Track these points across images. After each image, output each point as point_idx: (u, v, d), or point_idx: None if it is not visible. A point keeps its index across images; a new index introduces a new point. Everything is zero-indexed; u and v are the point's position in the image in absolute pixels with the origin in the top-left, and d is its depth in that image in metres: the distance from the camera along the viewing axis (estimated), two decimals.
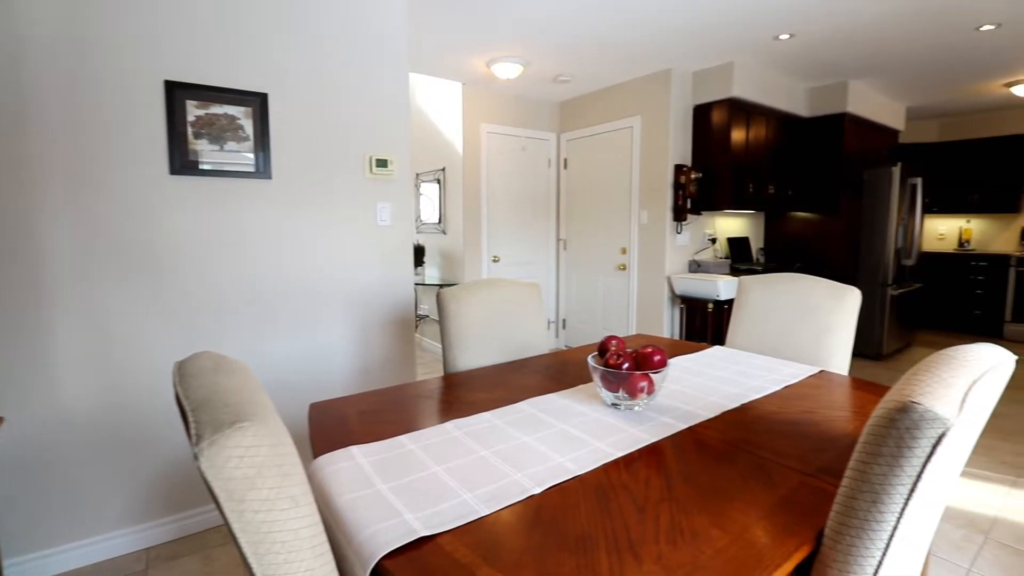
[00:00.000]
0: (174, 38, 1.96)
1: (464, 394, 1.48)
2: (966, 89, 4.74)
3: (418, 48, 3.48)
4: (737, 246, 4.51)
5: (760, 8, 2.92)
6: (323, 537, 0.70)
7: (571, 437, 1.15)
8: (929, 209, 6.04)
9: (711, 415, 1.29)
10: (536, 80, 4.21)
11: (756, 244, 4.95)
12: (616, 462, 1.04)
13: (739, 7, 2.90)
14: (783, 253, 4.86)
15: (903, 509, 0.69)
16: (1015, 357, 0.87)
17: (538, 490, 0.92)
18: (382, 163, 2.44)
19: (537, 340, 1.95)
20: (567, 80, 4.18)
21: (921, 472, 0.67)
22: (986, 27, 3.21)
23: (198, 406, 0.65)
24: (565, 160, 4.91)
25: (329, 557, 0.70)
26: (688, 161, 4.12)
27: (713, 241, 4.34)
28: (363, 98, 2.38)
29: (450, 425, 1.22)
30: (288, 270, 2.24)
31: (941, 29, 3.26)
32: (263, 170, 2.19)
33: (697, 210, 4.07)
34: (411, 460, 1.04)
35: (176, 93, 2.03)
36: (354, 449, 1.08)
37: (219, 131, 2.12)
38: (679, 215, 4.00)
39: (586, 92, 4.63)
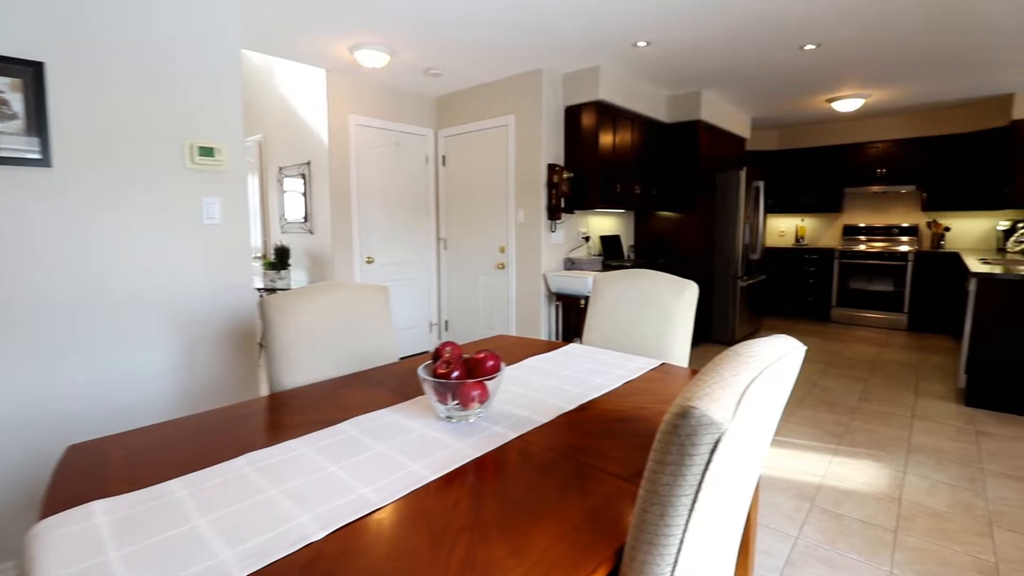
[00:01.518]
0: None
1: (281, 417, 1.29)
2: (797, 103, 5.37)
3: (268, 25, 3.14)
4: (609, 244, 4.69)
5: (619, 14, 3.01)
6: None
7: (387, 461, 1.02)
8: (772, 209, 6.81)
9: (547, 419, 1.23)
10: (407, 72, 4.03)
11: (627, 241, 5.21)
12: (428, 486, 0.92)
13: (599, 12, 2.97)
14: (651, 249, 5.17)
15: (688, 520, 0.65)
16: (803, 347, 0.90)
17: (320, 535, 0.78)
18: (207, 151, 2.12)
19: (386, 348, 1.80)
20: (439, 74, 4.05)
21: (702, 480, 0.63)
22: (808, 47, 3.62)
23: None
24: (443, 157, 4.77)
25: None
26: (561, 161, 4.19)
27: (587, 239, 4.48)
28: (182, 75, 2.05)
29: (243, 460, 1.03)
30: (85, 277, 1.85)
31: (772, 47, 3.62)
32: (40, 156, 1.78)
33: (570, 209, 4.16)
34: (171, 512, 0.84)
35: None
36: (96, 505, 0.86)
37: None
38: (553, 214, 4.05)
39: (462, 88, 4.53)
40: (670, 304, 1.83)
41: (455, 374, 1.19)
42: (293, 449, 1.07)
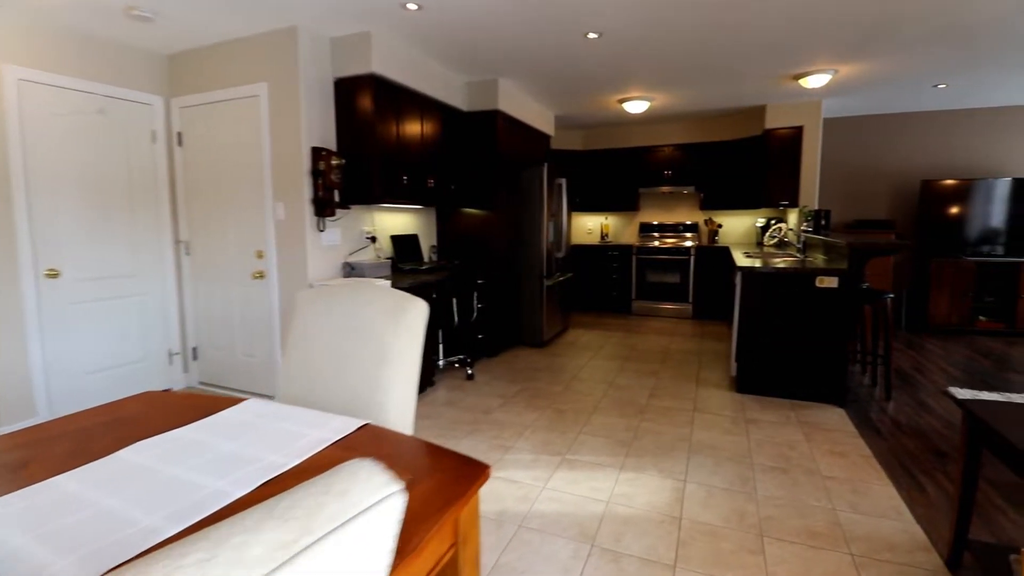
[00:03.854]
0: None
1: None
2: (593, 102, 5.40)
3: None
4: (403, 244, 4.11)
5: None
6: None
7: None
8: (579, 208, 6.94)
9: None
10: (99, 11, 2.91)
11: (429, 241, 4.69)
12: None
13: None
14: (457, 250, 4.73)
15: None
16: (392, 492, 0.38)
17: None
18: None
19: None
20: (148, 17, 3.01)
21: None
22: (591, 35, 3.45)
23: None
24: (179, 134, 3.68)
25: None
26: (333, 145, 3.47)
27: (373, 240, 3.82)
28: None
29: None
30: None
31: (555, 30, 3.37)
32: None
33: (346, 203, 3.46)
34: None
35: None
36: None
37: None
38: (323, 209, 3.31)
39: (202, 44, 3.51)
40: (385, 334, 1.29)
41: None
42: None
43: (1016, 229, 5.22)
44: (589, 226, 7.23)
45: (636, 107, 5.32)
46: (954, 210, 5.39)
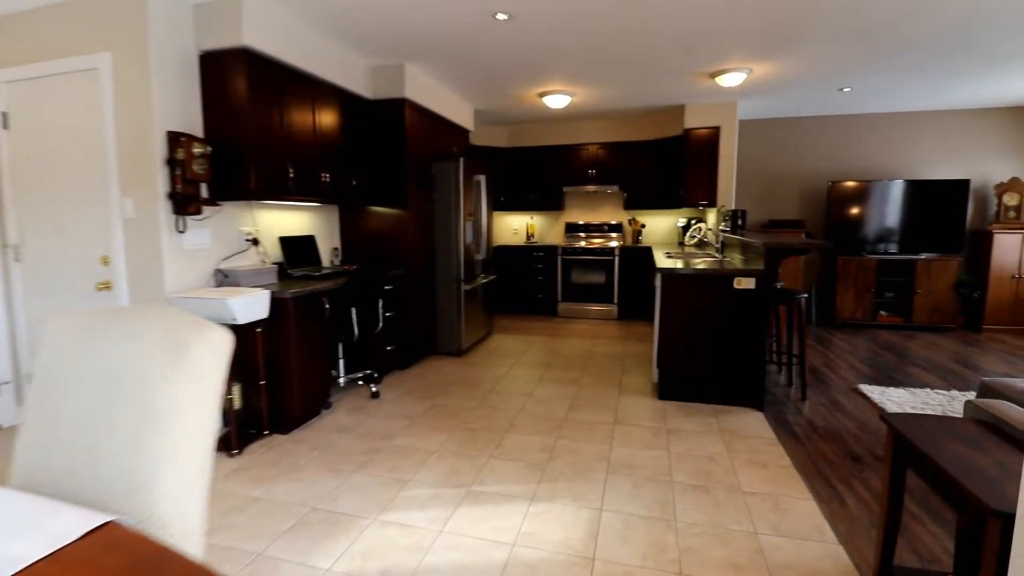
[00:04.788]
0: None
1: None
2: (512, 95, 5.13)
3: None
4: (296, 247, 3.62)
5: None
6: None
7: None
8: (504, 207, 6.67)
9: None
10: None
11: (332, 243, 4.21)
12: None
13: None
14: (364, 252, 4.28)
15: None
16: None
17: None
18: None
19: None
20: None
21: None
22: (500, 15, 3.16)
23: None
24: (4, 114, 3.00)
25: None
26: (199, 131, 2.94)
27: (255, 242, 3.31)
28: None
29: None
30: None
31: (460, 7, 3.05)
32: None
33: (216, 200, 2.95)
34: None
35: None
36: None
37: None
38: (184, 206, 2.78)
39: (32, 5, 2.86)
40: (155, 380, 0.90)
41: None
42: None
43: (909, 228, 5.52)
44: (515, 226, 6.98)
45: (557, 101, 5.11)
46: (856, 210, 5.63)
